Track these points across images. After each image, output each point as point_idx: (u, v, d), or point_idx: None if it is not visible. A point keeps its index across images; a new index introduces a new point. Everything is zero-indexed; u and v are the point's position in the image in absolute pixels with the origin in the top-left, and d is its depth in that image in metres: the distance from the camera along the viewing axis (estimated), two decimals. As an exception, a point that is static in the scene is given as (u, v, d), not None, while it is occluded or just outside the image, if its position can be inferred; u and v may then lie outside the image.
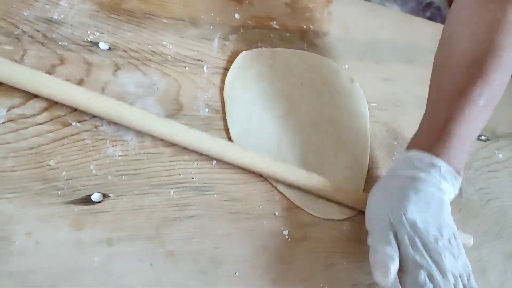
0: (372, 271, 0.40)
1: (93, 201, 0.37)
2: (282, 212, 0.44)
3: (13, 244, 0.33)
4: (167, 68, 0.47)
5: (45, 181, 0.36)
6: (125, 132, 0.41)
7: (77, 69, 0.42)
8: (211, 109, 0.47)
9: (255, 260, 0.41)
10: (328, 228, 0.46)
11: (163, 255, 0.37)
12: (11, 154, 0.36)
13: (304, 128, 0.51)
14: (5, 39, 0.40)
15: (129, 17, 0.48)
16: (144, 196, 0.39)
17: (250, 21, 0.56)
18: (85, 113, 0.40)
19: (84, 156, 0.38)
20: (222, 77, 0.50)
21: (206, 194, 0.42)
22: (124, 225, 0.37)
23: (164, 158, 0.42)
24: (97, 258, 0.35)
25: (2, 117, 0.37)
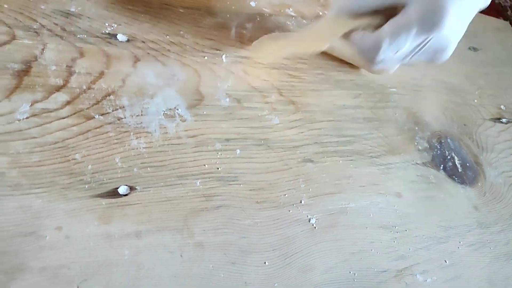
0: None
1: (120, 194, 0.36)
2: (308, 200, 0.44)
3: (44, 239, 0.32)
4: (186, 58, 0.46)
5: (71, 175, 0.36)
6: (148, 124, 0.40)
7: (97, 62, 0.41)
8: (232, 98, 0.46)
9: (284, 249, 0.40)
10: (355, 215, 0.45)
11: (192, 246, 0.37)
12: (37, 149, 0.35)
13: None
14: (24, 33, 0.40)
15: (146, 8, 0.47)
16: (171, 187, 0.39)
17: (266, 8, 0.55)
18: (107, 105, 0.39)
19: (108, 149, 0.38)
20: (241, 66, 0.49)
21: (231, 184, 0.41)
22: (152, 217, 0.37)
23: (188, 148, 0.41)
24: (127, 251, 0.35)
25: (26, 112, 0.36)
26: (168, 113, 0.42)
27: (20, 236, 0.32)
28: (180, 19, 0.49)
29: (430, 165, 0.54)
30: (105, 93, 0.40)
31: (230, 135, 0.44)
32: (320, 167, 0.47)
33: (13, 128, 0.35)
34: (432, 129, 0.58)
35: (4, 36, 0.39)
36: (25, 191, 0.34)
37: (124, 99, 0.41)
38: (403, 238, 0.47)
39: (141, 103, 0.41)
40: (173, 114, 0.42)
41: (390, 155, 0.52)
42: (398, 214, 0.48)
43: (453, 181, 0.55)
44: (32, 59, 0.39)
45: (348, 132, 0.51)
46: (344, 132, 0.51)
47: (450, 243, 0.49)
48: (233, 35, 0.51)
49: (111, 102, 0.40)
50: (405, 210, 0.49)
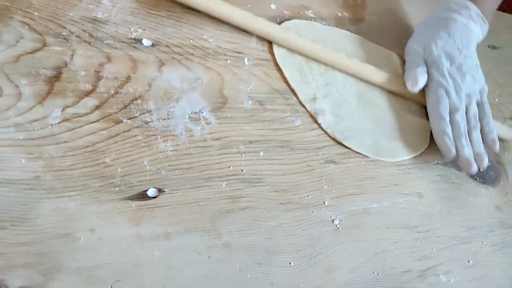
0: (405, 83, 0.54)
1: (149, 196, 0.37)
2: (331, 201, 0.44)
3: (78, 240, 0.34)
4: (209, 61, 0.47)
5: (102, 178, 0.37)
6: (174, 127, 0.41)
7: (124, 67, 0.42)
8: (254, 100, 0.47)
9: (308, 250, 0.41)
10: (377, 216, 0.46)
11: (220, 247, 0.38)
12: (69, 153, 0.36)
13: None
14: (54, 40, 0.41)
15: (169, 12, 0.48)
16: (198, 189, 0.39)
17: (285, 10, 0.56)
18: (134, 109, 0.40)
19: (137, 152, 0.39)
20: (263, 69, 0.50)
21: (256, 186, 0.42)
22: (180, 219, 0.38)
23: (213, 151, 0.42)
24: (157, 252, 0.36)
25: (58, 117, 0.37)
26: (193, 116, 0.43)
27: (57, 238, 0.33)
28: (202, 23, 0.49)
29: (451, 165, 0.54)
30: (132, 97, 0.41)
31: (254, 137, 0.45)
32: (343, 168, 0.47)
33: (46, 132, 0.36)
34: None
35: (36, 43, 0.40)
36: (59, 194, 0.35)
37: (151, 103, 0.42)
38: (426, 238, 0.47)
39: (167, 107, 0.42)
40: (198, 117, 0.43)
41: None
42: (420, 214, 0.49)
43: (475, 181, 0.55)
44: (63, 65, 0.40)
45: (370, 133, 0.52)
46: (366, 133, 0.51)
47: (473, 243, 0.49)
48: (254, 38, 0.52)
49: (138, 106, 0.41)
50: (427, 210, 0.49)
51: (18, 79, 0.37)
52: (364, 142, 0.49)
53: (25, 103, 0.37)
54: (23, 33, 0.40)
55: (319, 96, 0.49)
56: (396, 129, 0.52)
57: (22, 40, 0.39)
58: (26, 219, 0.33)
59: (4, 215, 0.32)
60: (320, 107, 0.49)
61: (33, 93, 0.37)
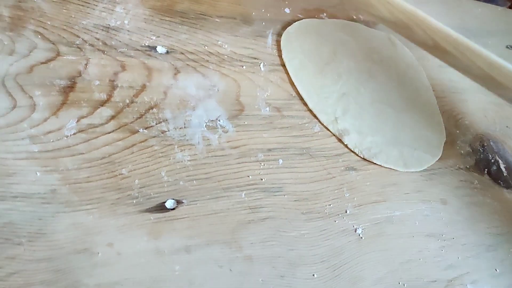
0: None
1: (168, 208, 0.36)
2: (353, 209, 0.43)
3: (96, 256, 0.32)
4: (224, 68, 0.46)
5: (119, 191, 0.36)
6: (191, 136, 0.40)
7: (139, 75, 0.41)
8: (272, 107, 0.46)
9: (331, 260, 0.40)
10: (401, 224, 0.44)
11: (241, 260, 0.36)
12: (85, 165, 0.35)
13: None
14: (67, 49, 0.40)
15: (183, 19, 0.47)
16: (217, 200, 0.38)
17: (300, 14, 0.55)
18: (150, 119, 0.39)
19: (154, 163, 0.38)
20: (279, 74, 0.48)
21: (276, 195, 0.41)
22: (200, 231, 0.36)
23: (231, 160, 0.41)
24: (178, 267, 0.34)
25: (73, 128, 0.36)
26: (210, 124, 0.42)
27: (74, 253, 0.32)
28: (217, 29, 0.48)
29: (473, 170, 0.53)
30: (148, 106, 0.40)
31: (272, 144, 0.44)
32: (363, 175, 0.46)
33: (61, 144, 0.35)
34: (474, 132, 0.56)
35: (49, 53, 0.39)
36: (76, 207, 0.34)
37: (167, 112, 0.41)
38: (451, 246, 0.46)
39: (183, 116, 0.41)
40: (215, 126, 0.42)
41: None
42: (444, 221, 0.47)
43: (499, 185, 0.53)
44: (77, 75, 0.39)
45: (390, 139, 0.50)
46: (386, 139, 0.50)
47: (500, 251, 0.48)
48: (269, 43, 0.50)
49: (154, 115, 0.40)
50: (451, 217, 0.48)
51: (32, 90, 0.36)
52: (390, 155, 0.48)
53: (39, 115, 0.36)
54: (36, 42, 0.39)
55: (339, 115, 0.48)
56: (414, 132, 0.51)
57: (35, 50, 0.38)
58: (42, 234, 0.32)
59: (20, 230, 0.31)
60: (343, 127, 0.47)
61: (47, 104, 0.36)
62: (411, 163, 0.48)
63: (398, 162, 0.48)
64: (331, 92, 0.50)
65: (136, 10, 0.45)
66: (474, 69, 0.45)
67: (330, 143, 0.46)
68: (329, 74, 0.51)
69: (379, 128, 0.49)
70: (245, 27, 0.50)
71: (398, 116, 0.52)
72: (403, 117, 0.52)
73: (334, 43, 0.54)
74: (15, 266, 0.30)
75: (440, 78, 0.60)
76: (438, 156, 0.51)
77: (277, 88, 0.47)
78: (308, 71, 0.50)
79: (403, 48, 0.59)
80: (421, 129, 0.52)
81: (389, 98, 0.53)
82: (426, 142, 0.51)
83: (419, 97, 0.55)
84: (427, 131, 0.52)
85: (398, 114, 0.52)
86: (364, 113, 0.50)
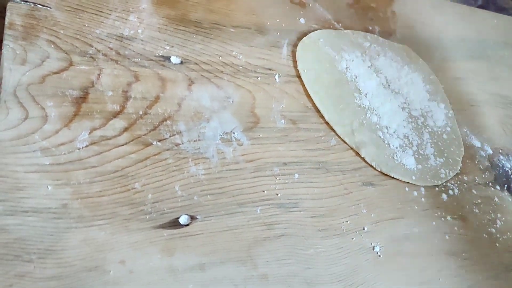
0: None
1: (181, 224, 0.35)
2: (371, 226, 0.42)
3: (108, 274, 0.31)
4: (239, 79, 0.45)
5: (132, 206, 0.34)
6: (205, 149, 0.39)
7: (153, 86, 0.41)
8: (287, 119, 0.45)
9: (349, 280, 0.38)
10: (419, 242, 0.43)
11: (257, 278, 0.35)
12: (97, 179, 0.34)
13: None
14: (80, 59, 0.39)
15: (197, 29, 0.46)
16: (232, 216, 0.37)
17: (315, 24, 0.54)
18: (164, 131, 0.38)
19: (168, 177, 0.37)
20: (295, 86, 0.47)
21: (292, 211, 0.39)
22: (215, 248, 0.35)
23: (246, 174, 0.40)
24: (192, 286, 0.33)
25: (85, 140, 0.35)
26: (224, 137, 0.41)
27: (85, 271, 0.31)
28: (231, 39, 0.48)
29: (493, 185, 0.52)
30: (162, 118, 0.39)
31: (288, 158, 0.42)
32: (381, 190, 0.45)
33: (74, 157, 0.34)
34: (492, 147, 0.55)
35: (62, 63, 0.38)
36: (88, 223, 0.32)
37: (181, 124, 0.40)
38: (471, 266, 0.44)
39: (197, 128, 0.40)
40: (229, 138, 0.41)
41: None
42: (464, 239, 0.46)
43: (519, 202, 0.52)
44: (89, 85, 0.38)
45: (408, 153, 0.49)
46: (404, 153, 0.49)
47: (522, 271, 0.46)
48: (284, 54, 0.49)
49: (168, 127, 0.39)
50: (471, 235, 0.46)
51: (44, 101, 0.36)
52: (408, 169, 0.47)
53: (51, 126, 0.35)
54: (49, 52, 0.38)
55: (356, 127, 0.47)
56: (432, 146, 0.50)
57: (48, 60, 0.38)
58: (53, 251, 0.31)
59: (31, 247, 0.30)
60: (360, 139, 0.46)
61: (59, 115, 0.36)
62: (429, 177, 0.47)
63: (415, 176, 0.46)
64: (348, 103, 0.48)
65: (150, 19, 0.44)
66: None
67: (347, 157, 0.45)
68: (345, 85, 0.50)
69: (396, 142, 0.48)
70: (260, 37, 0.49)
71: (416, 129, 0.50)
72: (421, 130, 0.51)
73: (350, 53, 0.52)
74: (25, 284, 0.29)
75: (457, 90, 0.58)
76: (457, 170, 0.49)
77: (293, 100, 0.46)
78: (324, 82, 0.49)
79: (419, 59, 0.57)
80: (439, 143, 0.50)
81: (406, 110, 0.51)
82: (445, 156, 0.50)
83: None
84: (445, 145, 0.51)
85: (416, 127, 0.51)
86: (381, 125, 0.49)
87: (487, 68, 0.63)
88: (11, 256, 0.29)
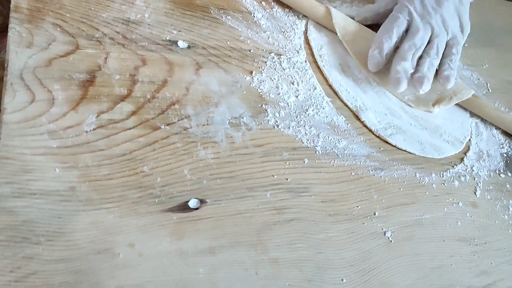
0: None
1: (191, 208, 0.35)
2: (382, 211, 0.41)
3: (117, 256, 0.31)
4: (247, 64, 0.44)
5: (141, 189, 0.34)
6: (214, 134, 0.39)
7: (160, 70, 0.40)
8: (296, 104, 0.44)
9: (360, 265, 0.38)
10: (431, 227, 0.42)
11: (267, 262, 0.35)
12: (105, 162, 0.34)
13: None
14: (87, 42, 0.38)
15: (204, 13, 0.46)
16: (241, 200, 0.36)
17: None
18: (172, 115, 0.38)
19: (176, 160, 0.36)
20: (303, 70, 0.47)
21: (302, 196, 0.39)
22: (224, 232, 0.35)
23: (256, 158, 0.39)
24: (202, 269, 0.33)
25: (93, 123, 0.35)
26: (233, 122, 0.40)
27: (94, 254, 0.30)
28: (239, 24, 0.47)
29: (503, 172, 0.51)
30: (170, 102, 0.39)
31: (297, 143, 0.42)
32: (391, 176, 0.44)
33: (81, 140, 0.34)
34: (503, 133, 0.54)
35: (68, 46, 0.37)
36: (96, 206, 0.32)
37: (189, 108, 0.39)
38: (484, 252, 0.44)
39: (206, 112, 0.40)
40: (238, 123, 0.40)
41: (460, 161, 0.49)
42: (476, 225, 0.45)
43: (531, 188, 0.51)
44: (96, 69, 0.38)
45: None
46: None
47: (535, 257, 0.45)
48: (293, 38, 0.49)
49: (176, 111, 0.38)
50: (483, 221, 0.46)
51: (51, 84, 0.35)
52: (408, 139, 0.47)
53: (58, 109, 0.34)
54: (55, 35, 0.37)
55: (359, 91, 0.48)
56: (438, 123, 0.51)
57: (54, 43, 0.37)
58: (62, 233, 0.30)
59: (39, 229, 0.30)
60: (361, 103, 0.47)
61: (66, 99, 0.35)
62: (429, 150, 0.48)
63: (415, 146, 0.47)
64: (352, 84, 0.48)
65: (156, 3, 0.44)
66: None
67: (358, 142, 0.45)
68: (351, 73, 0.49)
69: (400, 113, 0.49)
70: (268, 22, 0.49)
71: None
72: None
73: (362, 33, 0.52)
74: (33, 267, 0.28)
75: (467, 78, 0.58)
76: (460, 149, 0.49)
77: (301, 85, 0.46)
78: (335, 65, 0.48)
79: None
80: (446, 123, 0.51)
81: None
82: (449, 135, 0.50)
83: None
84: (452, 126, 0.51)
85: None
86: (384, 94, 0.50)
87: (497, 55, 0.62)
88: (19, 238, 0.29)
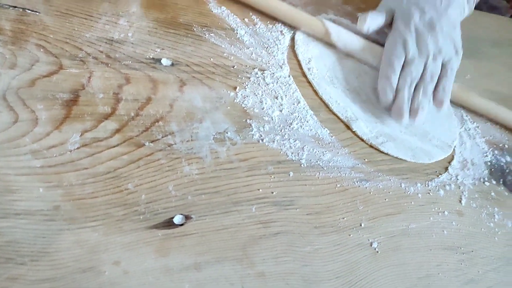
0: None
1: (176, 224, 0.35)
2: (368, 222, 0.41)
3: (103, 274, 0.31)
4: (231, 80, 0.45)
5: (125, 206, 0.34)
6: (199, 149, 0.39)
7: (144, 88, 0.40)
8: (280, 118, 0.44)
9: (347, 276, 0.38)
10: (417, 237, 0.43)
11: (253, 277, 0.35)
12: (89, 180, 0.34)
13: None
14: (70, 62, 0.39)
15: (187, 31, 0.47)
16: (227, 215, 0.37)
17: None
18: (156, 132, 0.38)
19: (161, 177, 0.36)
20: (287, 85, 0.47)
21: (288, 209, 0.39)
22: (210, 248, 0.35)
23: (241, 173, 0.39)
24: (188, 285, 0.33)
25: (77, 142, 0.35)
26: (218, 137, 0.41)
27: (80, 273, 0.30)
28: (222, 41, 0.48)
29: (488, 180, 0.51)
30: (154, 119, 0.39)
31: (281, 156, 0.42)
32: (377, 187, 0.44)
33: (65, 159, 0.34)
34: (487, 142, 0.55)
35: (52, 66, 0.38)
36: (81, 224, 0.32)
37: (173, 125, 0.39)
38: (471, 260, 0.44)
39: (190, 128, 0.40)
40: (223, 138, 0.41)
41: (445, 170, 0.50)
42: (462, 233, 0.45)
43: (515, 195, 0.51)
44: (80, 88, 0.38)
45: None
46: (398, 149, 0.49)
47: (521, 264, 0.46)
48: (276, 54, 0.50)
49: (160, 128, 0.39)
50: (469, 229, 0.46)
51: (34, 104, 0.35)
52: (399, 145, 0.48)
53: (42, 129, 0.34)
54: (38, 56, 0.38)
55: (349, 102, 0.49)
56: (426, 129, 0.52)
57: (37, 64, 0.37)
58: (46, 253, 0.30)
59: (24, 249, 0.30)
60: (352, 113, 0.48)
61: (50, 118, 0.35)
62: (419, 156, 0.49)
63: (406, 153, 0.48)
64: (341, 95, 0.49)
65: (140, 22, 0.44)
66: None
67: (343, 154, 0.45)
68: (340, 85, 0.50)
69: (389, 120, 0.50)
70: (251, 38, 0.49)
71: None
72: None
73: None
74: (18, 287, 0.28)
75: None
76: (449, 152, 0.50)
77: (285, 99, 0.46)
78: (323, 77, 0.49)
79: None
80: (434, 128, 0.52)
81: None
82: (438, 139, 0.51)
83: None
84: (440, 131, 0.52)
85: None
86: (376, 105, 0.51)
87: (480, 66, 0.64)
88: (3, 259, 0.29)
